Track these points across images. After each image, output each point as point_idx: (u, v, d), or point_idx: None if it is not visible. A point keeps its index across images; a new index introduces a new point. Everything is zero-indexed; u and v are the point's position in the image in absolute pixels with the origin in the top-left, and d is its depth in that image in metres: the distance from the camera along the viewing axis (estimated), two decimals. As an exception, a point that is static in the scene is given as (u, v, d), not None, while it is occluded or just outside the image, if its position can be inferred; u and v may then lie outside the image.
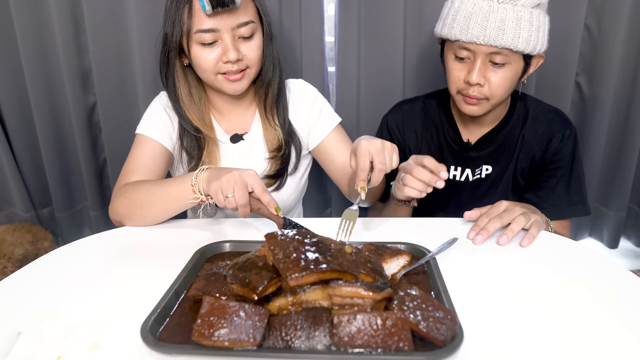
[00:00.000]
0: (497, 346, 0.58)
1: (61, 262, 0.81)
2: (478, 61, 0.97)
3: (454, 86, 1.03)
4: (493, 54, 0.96)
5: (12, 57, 1.42)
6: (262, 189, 0.85)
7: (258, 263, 0.64)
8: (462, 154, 1.14)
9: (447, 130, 1.15)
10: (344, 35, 1.36)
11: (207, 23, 0.94)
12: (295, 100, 1.16)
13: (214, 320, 0.55)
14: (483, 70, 0.97)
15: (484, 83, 0.98)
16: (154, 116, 1.09)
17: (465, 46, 0.97)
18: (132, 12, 1.33)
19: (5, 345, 0.59)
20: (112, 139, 1.50)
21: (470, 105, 1.02)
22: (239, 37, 0.98)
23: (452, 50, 1.01)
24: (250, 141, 1.14)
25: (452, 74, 1.02)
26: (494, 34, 0.93)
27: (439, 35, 1.04)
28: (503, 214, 0.87)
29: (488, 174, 1.14)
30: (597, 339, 0.59)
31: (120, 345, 0.59)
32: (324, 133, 1.16)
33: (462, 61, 1.00)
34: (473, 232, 0.87)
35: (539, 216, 0.90)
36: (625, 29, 1.32)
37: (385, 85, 1.41)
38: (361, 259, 0.65)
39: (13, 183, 1.53)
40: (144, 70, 1.39)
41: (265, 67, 1.07)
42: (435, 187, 0.88)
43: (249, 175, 0.85)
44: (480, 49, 0.96)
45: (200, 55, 0.98)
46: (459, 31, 0.96)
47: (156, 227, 0.96)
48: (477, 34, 0.94)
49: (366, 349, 0.53)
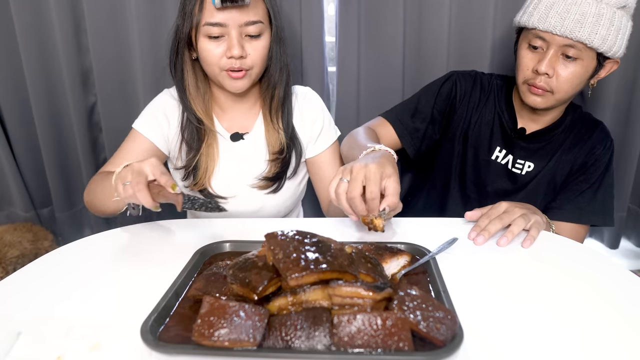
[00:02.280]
0: (497, 346, 0.58)
1: (61, 262, 0.81)
2: (550, 51, 0.97)
3: (522, 74, 1.03)
4: (567, 47, 0.96)
5: (12, 57, 1.42)
6: (160, 172, 0.82)
7: (258, 263, 0.64)
8: (512, 139, 1.14)
9: (504, 112, 1.15)
10: (344, 35, 1.36)
11: (216, 17, 0.96)
12: (301, 107, 1.16)
13: (214, 320, 0.55)
14: (553, 62, 0.98)
15: (552, 74, 0.98)
16: (151, 115, 1.11)
17: (540, 35, 0.98)
18: (133, 12, 1.33)
19: (5, 345, 0.59)
20: (112, 138, 1.50)
21: (534, 96, 1.02)
22: (245, 35, 0.99)
23: (527, 39, 1.01)
24: (250, 141, 1.14)
25: (523, 62, 1.02)
26: (572, 26, 0.93)
27: (518, 24, 1.05)
28: (503, 215, 0.87)
29: (529, 171, 1.14)
30: (598, 339, 0.59)
31: (120, 345, 0.59)
32: (322, 148, 1.17)
33: (535, 50, 1.00)
34: (474, 233, 0.87)
35: (539, 217, 0.90)
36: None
37: (385, 85, 1.41)
38: (361, 259, 0.65)
39: (13, 183, 1.53)
40: (145, 70, 1.39)
41: (271, 69, 1.08)
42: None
43: (147, 163, 0.83)
44: (554, 40, 0.96)
45: (206, 48, 0.99)
46: (538, 19, 0.97)
47: (156, 227, 0.96)
48: (554, 23, 0.94)
49: (366, 349, 0.53)
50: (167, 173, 0.83)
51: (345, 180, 0.80)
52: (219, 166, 1.12)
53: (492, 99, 1.17)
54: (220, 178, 1.12)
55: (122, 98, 1.46)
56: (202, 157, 1.10)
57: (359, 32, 1.35)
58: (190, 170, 1.11)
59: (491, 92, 1.17)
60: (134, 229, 0.96)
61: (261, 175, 1.13)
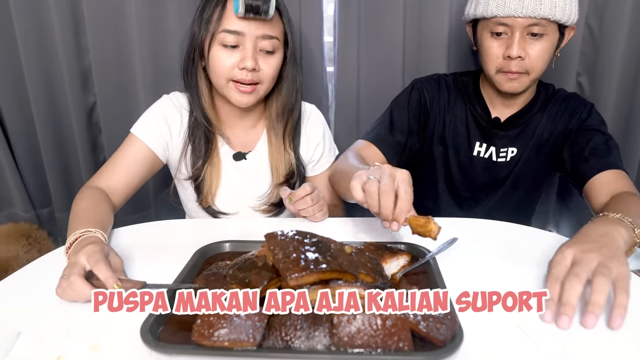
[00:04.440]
0: (497, 346, 0.58)
1: (61, 262, 0.81)
2: (516, 34, 0.98)
3: (493, 65, 1.03)
4: (531, 26, 0.97)
5: (12, 58, 1.42)
6: (95, 262, 0.68)
7: (258, 263, 0.64)
8: (489, 131, 1.15)
9: (476, 107, 1.16)
10: (344, 35, 1.36)
11: (235, 25, 0.96)
12: (306, 129, 1.16)
13: (213, 320, 0.55)
14: (522, 43, 0.98)
15: (524, 56, 0.99)
16: (151, 120, 1.08)
17: (502, 21, 0.98)
18: (133, 13, 1.33)
19: (5, 345, 0.59)
20: (112, 139, 1.50)
21: (510, 82, 1.03)
22: (260, 50, 0.99)
23: (488, 28, 1.02)
24: (253, 161, 1.13)
25: (490, 52, 1.03)
26: (532, 5, 0.94)
27: (472, 16, 1.05)
28: (576, 269, 0.63)
29: (513, 156, 1.15)
30: (598, 339, 0.59)
31: (120, 345, 0.59)
32: (321, 169, 1.19)
33: (499, 37, 1.01)
34: (550, 312, 0.62)
35: (619, 259, 0.64)
36: (627, 29, 1.32)
37: (385, 85, 1.41)
38: (361, 259, 0.65)
39: (13, 183, 1.53)
40: (144, 70, 1.39)
41: (285, 90, 1.08)
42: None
43: (84, 253, 0.70)
44: (518, 22, 0.97)
45: (218, 56, 0.98)
46: (496, 7, 0.97)
47: (156, 227, 0.96)
48: (514, 7, 0.95)
49: (366, 349, 0.53)
50: (102, 264, 0.68)
51: (373, 178, 0.73)
52: (222, 183, 1.11)
53: (460, 97, 1.17)
54: (224, 196, 1.11)
55: (122, 98, 1.46)
56: (207, 170, 1.09)
57: (359, 32, 1.35)
58: (199, 182, 1.09)
59: (458, 91, 1.18)
60: (134, 229, 0.96)
61: (264, 197, 1.12)
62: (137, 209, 1.57)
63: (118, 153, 1.06)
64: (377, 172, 0.74)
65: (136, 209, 1.57)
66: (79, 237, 0.78)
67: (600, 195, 0.96)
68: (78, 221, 0.84)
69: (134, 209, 1.56)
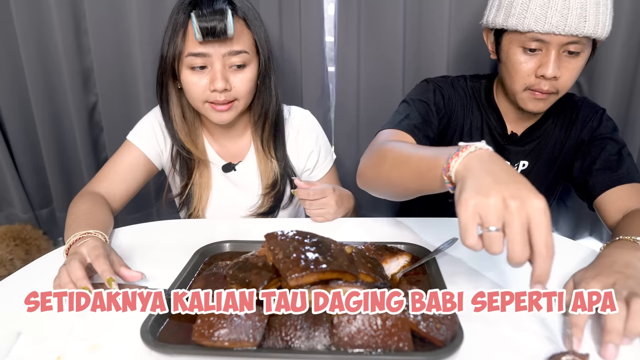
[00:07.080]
0: (497, 346, 0.58)
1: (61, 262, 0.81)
2: (552, 52, 0.88)
3: (522, 82, 0.94)
4: (570, 44, 0.88)
5: (12, 57, 1.42)
6: (96, 256, 0.71)
7: (258, 263, 0.64)
8: (504, 146, 1.08)
9: (490, 118, 1.08)
10: (344, 35, 1.36)
11: (199, 47, 0.93)
12: (296, 138, 1.12)
13: (213, 320, 0.55)
14: (558, 62, 0.89)
15: (559, 75, 0.90)
16: (148, 128, 1.08)
17: (539, 37, 0.88)
18: (134, 12, 1.33)
19: (5, 345, 0.59)
20: (113, 138, 1.50)
21: (537, 101, 0.95)
22: (230, 66, 0.96)
23: (519, 42, 0.92)
24: (242, 172, 1.12)
25: (520, 68, 0.93)
26: (576, 22, 0.85)
27: (500, 26, 0.94)
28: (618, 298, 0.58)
29: (524, 169, 1.10)
30: (598, 339, 0.59)
31: (120, 345, 0.59)
32: (317, 177, 1.16)
33: (533, 53, 0.91)
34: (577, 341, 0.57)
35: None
36: (625, 29, 1.32)
37: (385, 85, 1.41)
38: (361, 259, 0.65)
39: (12, 184, 1.53)
40: (145, 70, 1.39)
41: (259, 101, 1.04)
42: None
43: (86, 246, 0.73)
44: (556, 40, 0.87)
45: (189, 80, 0.96)
46: (535, 21, 0.87)
47: (156, 227, 0.96)
48: (556, 23, 0.85)
49: (366, 349, 0.53)
50: (101, 257, 0.71)
51: (493, 229, 0.54)
52: (212, 196, 1.11)
53: (475, 104, 1.10)
54: (214, 207, 1.11)
55: (123, 98, 1.46)
56: (195, 187, 1.08)
57: (359, 31, 1.35)
58: (183, 200, 1.09)
59: (472, 97, 1.10)
60: (134, 229, 0.96)
61: (254, 208, 1.11)
62: (139, 208, 1.58)
63: (114, 159, 1.07)
64: (495, 211, 0.53)
65: (137, 207, 1.57)
66: (79, 238, 0.78)
67: (612, 212, 0.93)
68: (78, 223, 0.84)
69: (136, 208, 1.56)
